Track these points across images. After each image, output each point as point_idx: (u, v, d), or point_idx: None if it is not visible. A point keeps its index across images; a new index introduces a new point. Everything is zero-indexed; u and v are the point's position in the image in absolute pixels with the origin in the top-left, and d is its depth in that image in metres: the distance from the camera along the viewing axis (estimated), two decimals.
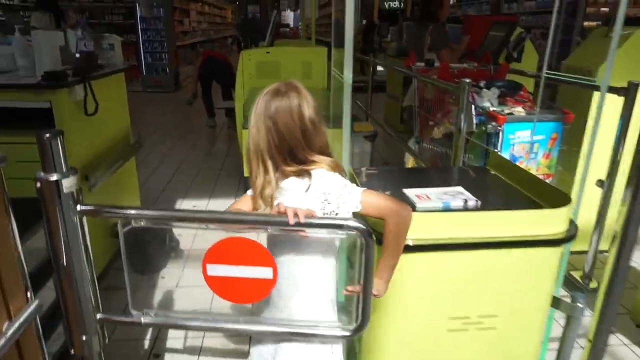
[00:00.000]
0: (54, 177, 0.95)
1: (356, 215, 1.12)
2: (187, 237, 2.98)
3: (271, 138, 1.10)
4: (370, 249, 1.02)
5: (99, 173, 2.32)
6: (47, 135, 0.94)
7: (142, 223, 1.06)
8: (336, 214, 1.11)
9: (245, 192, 1.24)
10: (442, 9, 3.66)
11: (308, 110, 1.11)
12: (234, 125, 4.40)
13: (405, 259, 1.22)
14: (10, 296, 0.87)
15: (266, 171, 1.12)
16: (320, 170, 1.12)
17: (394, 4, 11.89)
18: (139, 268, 2.65)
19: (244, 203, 1.22)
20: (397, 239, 1.15)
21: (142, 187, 3.58)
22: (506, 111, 2.68)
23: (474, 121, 2.75)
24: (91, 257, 1.06)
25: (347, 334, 1.13)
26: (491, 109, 2.68)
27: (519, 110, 2.70)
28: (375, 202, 1.13)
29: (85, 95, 2.20)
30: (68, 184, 0.97)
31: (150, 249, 2.57)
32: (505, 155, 2.56)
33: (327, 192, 1.11)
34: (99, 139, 2.51)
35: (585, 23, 6.30)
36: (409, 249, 1.24)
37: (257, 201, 1.16)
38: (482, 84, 3.06)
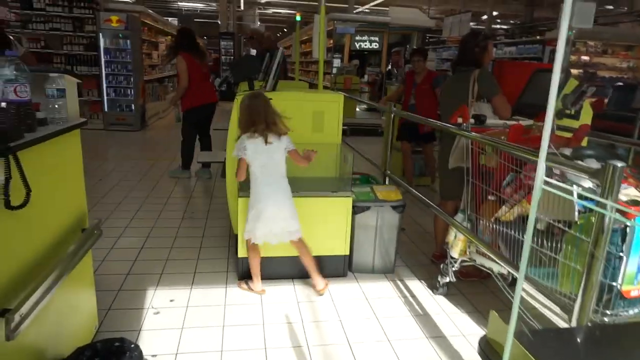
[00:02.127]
0: None
1: None
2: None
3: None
4: None
5: (30, 302, 1.37)
6: None
7: None
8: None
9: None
10: (488, 53, 3.00)
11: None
12: (223, 178, 3.47)
13: None
14: None
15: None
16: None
17: (366, 44, 11.51)
18: None
19: None
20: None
21: (95, 272, 2.59)
22: (622, 196, 1.96)
23: (576, 208, 2.02)
24: None
25: None
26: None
27: (636, 194, 2.00)
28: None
29: (8, 178, 1.29)
30: None
31: None
32: (634, 261, 1.83)
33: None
34: (32, 242, 1.57)
35: None
36: None
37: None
38: (566, 151, 2.36)
